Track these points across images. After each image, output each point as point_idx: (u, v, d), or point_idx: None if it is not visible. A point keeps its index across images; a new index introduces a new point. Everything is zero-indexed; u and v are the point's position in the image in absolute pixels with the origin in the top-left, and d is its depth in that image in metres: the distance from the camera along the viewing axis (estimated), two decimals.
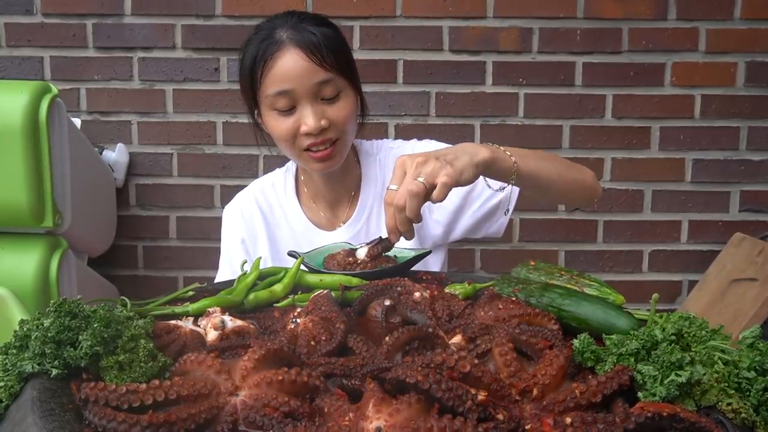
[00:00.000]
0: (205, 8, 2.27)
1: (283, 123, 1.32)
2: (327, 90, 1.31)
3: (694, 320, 0.78)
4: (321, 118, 1.30)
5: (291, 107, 1.31)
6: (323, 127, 1.30)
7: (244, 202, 1.53)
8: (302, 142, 1.33)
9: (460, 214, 1.47)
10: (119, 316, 0.77)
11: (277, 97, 1.30)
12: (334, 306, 0.89)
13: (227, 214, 1.55)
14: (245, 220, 1.51)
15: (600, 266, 2.39)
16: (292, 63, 1.29)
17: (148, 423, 0.60)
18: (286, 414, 0.64)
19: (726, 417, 0.66)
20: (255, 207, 1.51)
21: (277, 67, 1.29)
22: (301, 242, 1.46)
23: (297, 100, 1.30)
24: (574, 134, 2.33)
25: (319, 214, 1.51)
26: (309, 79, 1.29)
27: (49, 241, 1.81)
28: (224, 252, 1.54)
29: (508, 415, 0.65)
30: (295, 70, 1.28)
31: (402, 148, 1.52)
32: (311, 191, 1.51)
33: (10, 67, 2.28)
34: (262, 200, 1.53)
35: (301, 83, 1.29)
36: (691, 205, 2.36)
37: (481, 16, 2.27)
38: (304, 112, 1.30)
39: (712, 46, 2.28)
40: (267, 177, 1.58)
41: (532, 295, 0.94)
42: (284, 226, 1.51)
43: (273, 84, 1.30)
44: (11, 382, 0.69)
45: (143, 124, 2.33)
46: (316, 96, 1.30)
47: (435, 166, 1.06)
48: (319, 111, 1.30)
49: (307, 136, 1.31)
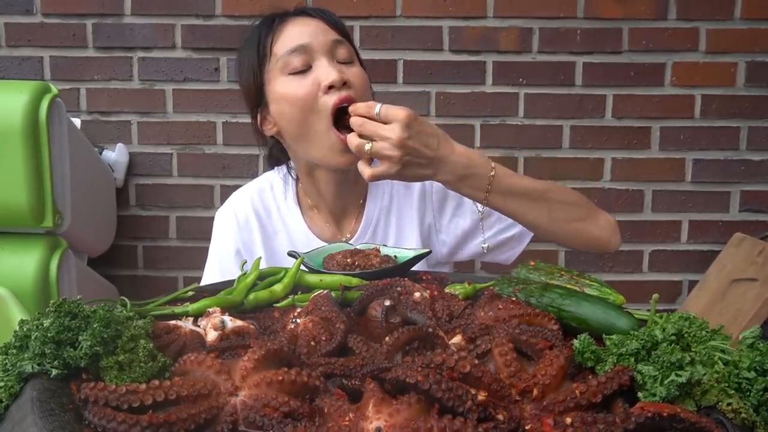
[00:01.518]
0: (205, 8, 2.27)
1: (301, 85, 1.20)
2: (342, 51, 1.24)
3: (695, 320, 0.78)
4: (341, 73, 1.20)
5: (307, 66, 1.21)
6: (345, 80, 1.19)
7: (239, 205, 1.41)
8: (327, 102, 1.19)
9: (469, 239, 1.41)
10: (119, 316, 0.77)
11: (291, 55, 1.21)
12: (334, 306, 0.89)
13: (220, 219, 1.43)
14: (240, 227, 1.39)
15: (600, 266, 2.39)
16: (306, 22, 1.25)
17: (148, 423, 0.60)
18: (286, 414, 0.64)
19: (726, 417, 0.66)
20: (251, 211, 1.40)
21: (289, 28, 1.24)
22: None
23: (313, 56, 1.21)
24: (574, 134, 2.33)
25: (322, 226, 1.40)
26: (324, 35, 1.23)
27: (49, 241, 1.81)
28: (213, 258, 1.42)
29: (508, 415, 0.65)
30: (309, 26, 1.24)
31: None
32: (314, 200, 1.39)
33: (10, 67, 2.28)
34: (259, 205, 1.40)
35: (317, 37, 1.22)
36: (691, 205, 2.36)
37: (481, 16, 2.27)
38: (321, 66, 1.20)
39: (712, 46, 2.28)
40: (265, 178, 1.46)
41: (532, 295, 0.93)
42: (282, 236, 1.40)
43: (286, 43, 1.22)
44: (11, 382, 0.69)
45: (143, 124, 2.33)
46: (332, 55, 1.23)
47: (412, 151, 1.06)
48: (338, 68, 1.21)
49: (329, 94, 1.19)
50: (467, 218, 1.40)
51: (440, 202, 1.41)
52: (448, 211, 1.41)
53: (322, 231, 1.40)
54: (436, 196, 1.41)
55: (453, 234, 1.42)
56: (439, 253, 1.44)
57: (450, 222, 1.42)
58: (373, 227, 1.41)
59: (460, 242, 1.42)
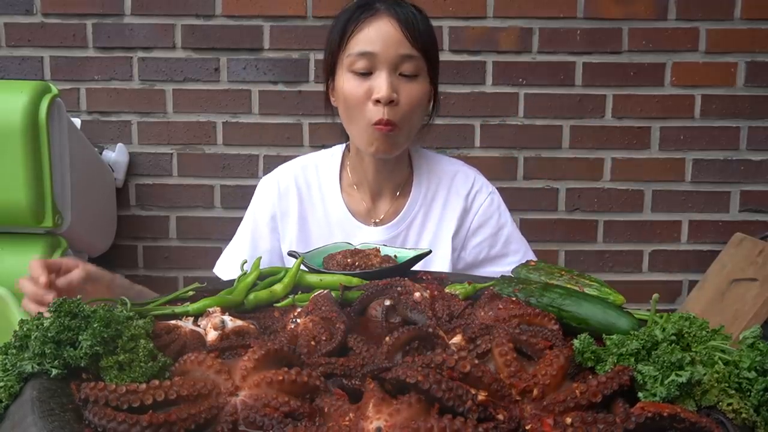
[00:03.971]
0: (205, 8, 2.27)
1: (358, 86, 1.31)
2: (407, 66, 1.31)
3: (695, 320, 0.78)
4: (393, 91, 1.29)
5: (369, 71, 1.30)
6: (393, 99, 1.29)
7: (283, 176, 1.49)
8: (371, 114, 1.31)
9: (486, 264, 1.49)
10: (119, 316, 0.77)
11: (358, 57, 1.30)
12: (334, 306, 0.89)
13: (263, 186, 1.50)
14: (280, 195, 1.47)
15: (600, 266, 2.39)
16: (384, 29, 1.30)
17: (148, 423, 0.60)
18: (286, 414, 0.64)
19: (726, 417, 0.66)
20: (293, 183, 1.48)
21: (367, 30, 1.30)
22: (334, 230, 1.44)
23: (376, 65, 1.30)
24: (574, 134, 2.33)
25: (359, 202, 1.47)
26: (395, 48, 1.29)
27: (49, 241, 1.81)
28: (248, 221, 1.49)
29: (508, 415, 0.65)
30: (384, 35, 1.29)
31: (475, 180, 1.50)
32: (355, 177, 1.47)
33: (10, 67, 2.28)
34: (301, 179, 1.49)
35: (385, 49, 1.29)
36: (691, 205, 2.36)
37: (481, 16, 2.27)
38: (379, 78, 1.30)
39: (712, 46, 2.28)
40: (311, 156, 1.54)
41: (532, 295, 0.94)
42: (319, 209, 1.46)
43: (358, 44, 1.30)
44: (11, 382, 0.69)
45: (143, 124, 2.33)
46: (395, 68, 1.30)
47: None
48: (394, 83, 1.30)
49: (376, 107, 1.30)
50: (495, 247, 1.48)
51: (478, 225, 1.48)
52: (480, 235, 1.48)
53: (357, 207, 1.46)
54: (478, 219, 1.47)
55: (473, 256, 1.48)
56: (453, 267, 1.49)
57: (478, 245, 1.48)
58: (410, 220, 1.45)
59: (478, 264, 1.49)
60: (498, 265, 1.47)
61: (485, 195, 1.48)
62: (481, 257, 1.48)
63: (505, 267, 1.45)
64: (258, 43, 2.28)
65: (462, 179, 1.49)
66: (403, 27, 1.30)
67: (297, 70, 2.30)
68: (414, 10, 1.34)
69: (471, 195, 1.48)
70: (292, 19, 2.27)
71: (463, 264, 1.49)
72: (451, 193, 1.47)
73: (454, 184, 1.48)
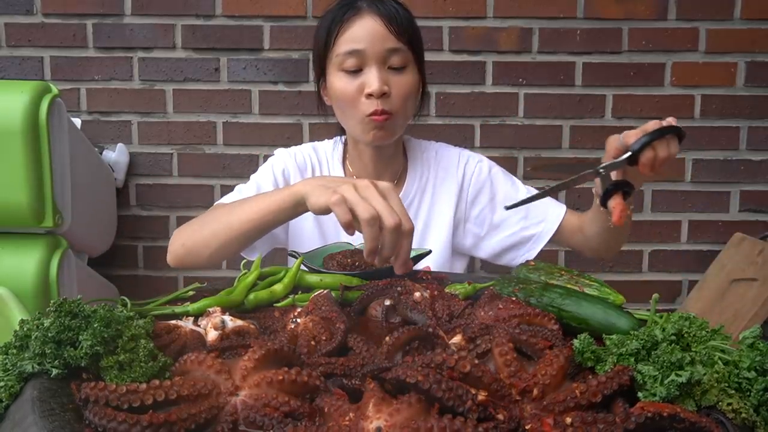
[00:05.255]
0: (205, 8, 2.27)
1: (349, 83, 1.36)
2: (395, 59, 1.35)
3: (695, 320, 0.78)
4: (385, 84, 1.34)
5: (358, 68, 1.35)
6: (385, 92, 1.34)
7: (298, 152, 1.57)
8: (365, 107, 1.35)
9: (492, 232, 1.53)
10: (119, 316, 0.77)
11: (347, 56, 1.34)
12: (334, 306, 0.89)
13: (280, 154, 1.57)
14: (297, 163, 1.54)
15: (600, 266, 2.39)
16: (368, 26, 1.34)
17: (148, 423, 0.60)
18: (286, 414, 0.64)
19: (726, 417, 0.66)
20: (308, 159, 1.56)
21: (352, 29, 1.35)
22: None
23: (365, 61, 1.34)
24: (574, 134, 2.33)
25: None
26: (381, 43, 1.34)
27: (49, 241, 1.81)
28: (264, 171, 1.53)
29: (508, 415, 0.65)
30: (369, 32, 1.34)
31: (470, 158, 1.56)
32: (356, 168, 1.53)
33: (10, 67, 2.28)
34: (314, 158, 1.56)
35: (372, 45, 1.33)
36: (691, 205, 2.36)
37: (481, 16, 2.27)
38: (369, 74, 1.34)
39: (712, 46, 2.28)
40: (318, 144, 1.61)
41: (532, 295, 0.94)
42: None
43: (345, 43, 1.35)
44: (11, 382, 0.69)
45: (143, 124, 2.33)
46: (384, 62, 1.35)
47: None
48: (384, 76, 1.35)
49: (369, 100, 1.35)
50: (495, 212, 1.53)
51: (475, 194, 1.54)
52: (479, 203, 1.54)
53: None
54: (473, 188, 1.54)
55: (479, 225, 1.54)
56: (461, 244, 1.55)
57: (479, 214, 1.54)
58: (406, 205, 1.48)
59: (486, 233, 1.53)
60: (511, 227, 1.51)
61: (474, 165, 1.55)
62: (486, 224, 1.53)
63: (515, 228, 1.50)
64: (258, 43, 2.28)
65: (446, 155, 1.56)
66: (387, 22, 1.34)
67: (297, 70, 2.30)
68: (395, 4, 1.38)
69: (460, 168, 1.54)
70: (292, 19, 2.27)
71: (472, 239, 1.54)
72: (440, 170, 1.55)
73: (441, 163, 1.55)
